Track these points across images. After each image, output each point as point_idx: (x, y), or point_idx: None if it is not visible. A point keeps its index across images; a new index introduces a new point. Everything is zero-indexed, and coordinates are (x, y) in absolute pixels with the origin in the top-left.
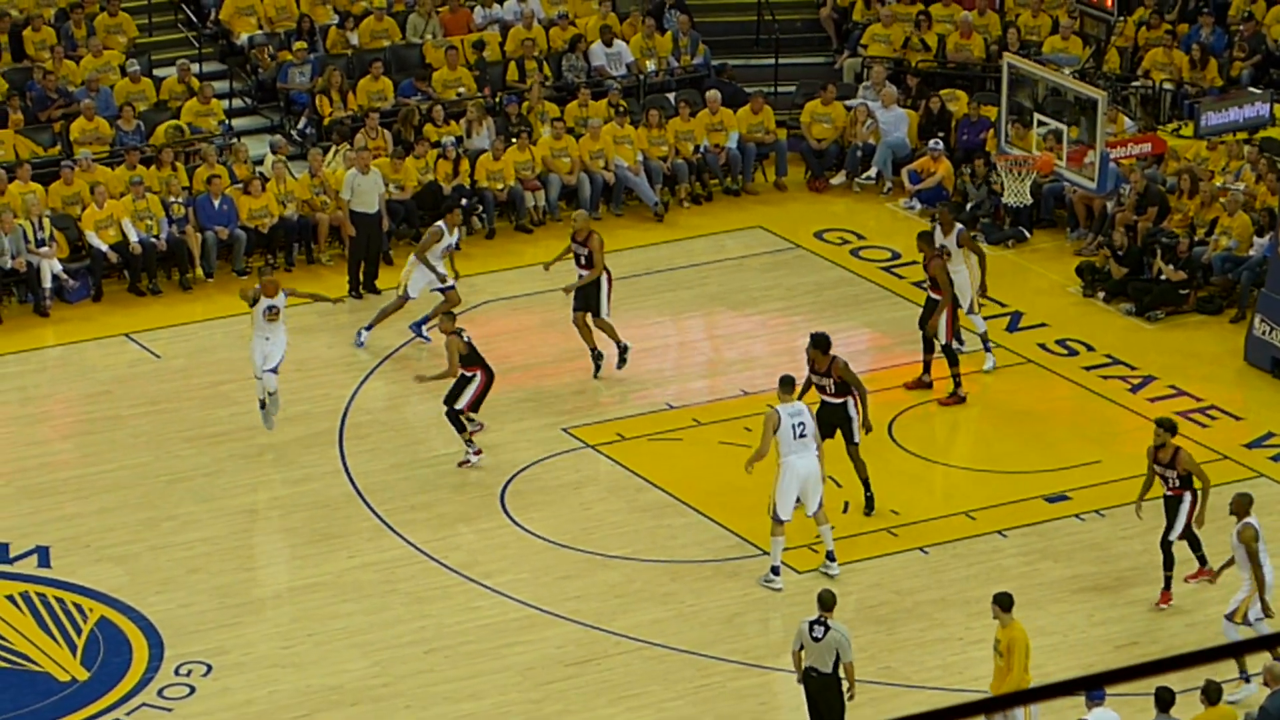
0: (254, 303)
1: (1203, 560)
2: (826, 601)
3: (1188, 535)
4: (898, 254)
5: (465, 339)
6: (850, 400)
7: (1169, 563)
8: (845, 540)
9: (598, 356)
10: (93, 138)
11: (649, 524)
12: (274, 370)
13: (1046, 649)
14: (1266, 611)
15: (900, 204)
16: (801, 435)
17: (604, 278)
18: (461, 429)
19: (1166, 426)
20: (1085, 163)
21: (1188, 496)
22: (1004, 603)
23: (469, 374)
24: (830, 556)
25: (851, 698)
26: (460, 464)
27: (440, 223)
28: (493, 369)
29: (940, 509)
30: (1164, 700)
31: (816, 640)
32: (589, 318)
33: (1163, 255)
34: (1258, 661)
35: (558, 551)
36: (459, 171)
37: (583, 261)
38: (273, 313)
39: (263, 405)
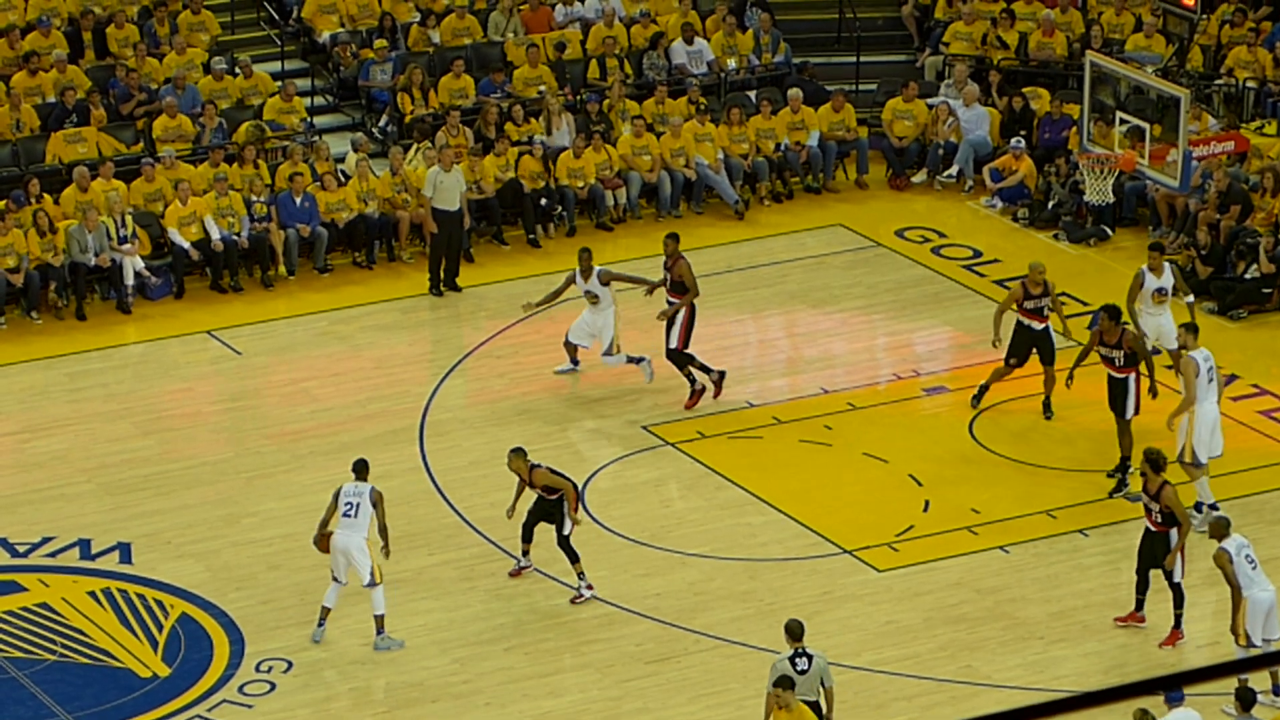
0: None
1: (1139, 605)
2: (796, 631)
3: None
4: (979, 252)
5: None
6: (1133, 375)
7: (1177, 600)
8: (925, 539)
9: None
10: (175, 135)
11: (728, 522)
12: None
13: (1128, 648)
14: (1247, 640)
15: (982, 202)
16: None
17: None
18: (576, 559)
19: (1150, 460)
20: (1168, 161)
21: (1173, 533)
22: (788, 685)
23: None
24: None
25: None
26: (573, 600)
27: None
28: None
29: (1021, 508)
30: (1246, 699)
31: (803, 673)
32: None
33: (1250, 252)
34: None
35: (637, 549)
36: (549, 167)
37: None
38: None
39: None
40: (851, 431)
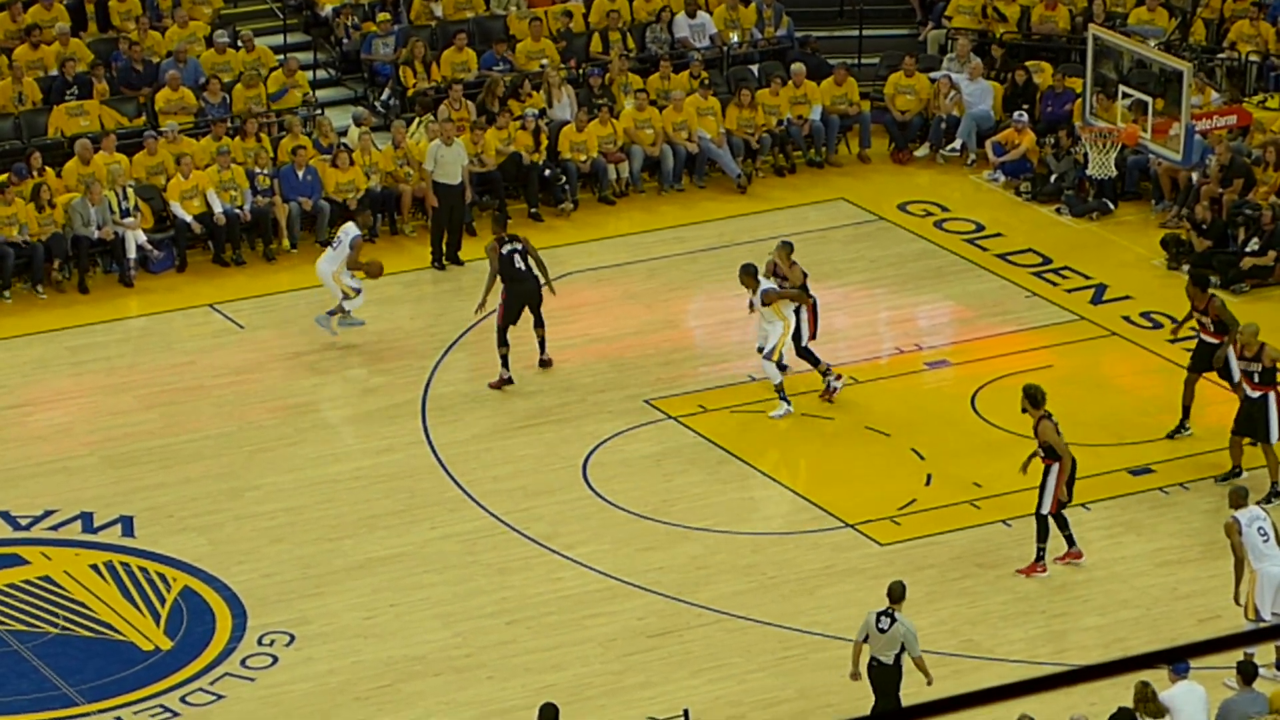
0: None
1: (1070, 540)
2: (895, 593)
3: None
4: (981, 226)
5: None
6: (1226, 339)
7: (1042, 534)
8: (928, 513)
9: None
10: (178, 108)
11: (730, 496)
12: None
13: (1129, 622)
14: (1256, 614)
15: (984, 176)
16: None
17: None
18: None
19: (1028, 395)
20: (1170, 135)
21: (1054, 468)
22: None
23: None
24: None
25: (929, 683)
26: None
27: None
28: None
29: (1024, 481)
30: (1248, 673)
31: (882, 631)
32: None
33: (1246, 233)
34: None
35: (639, 523)
36: (540, 144)
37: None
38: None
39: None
40: (853, 405)
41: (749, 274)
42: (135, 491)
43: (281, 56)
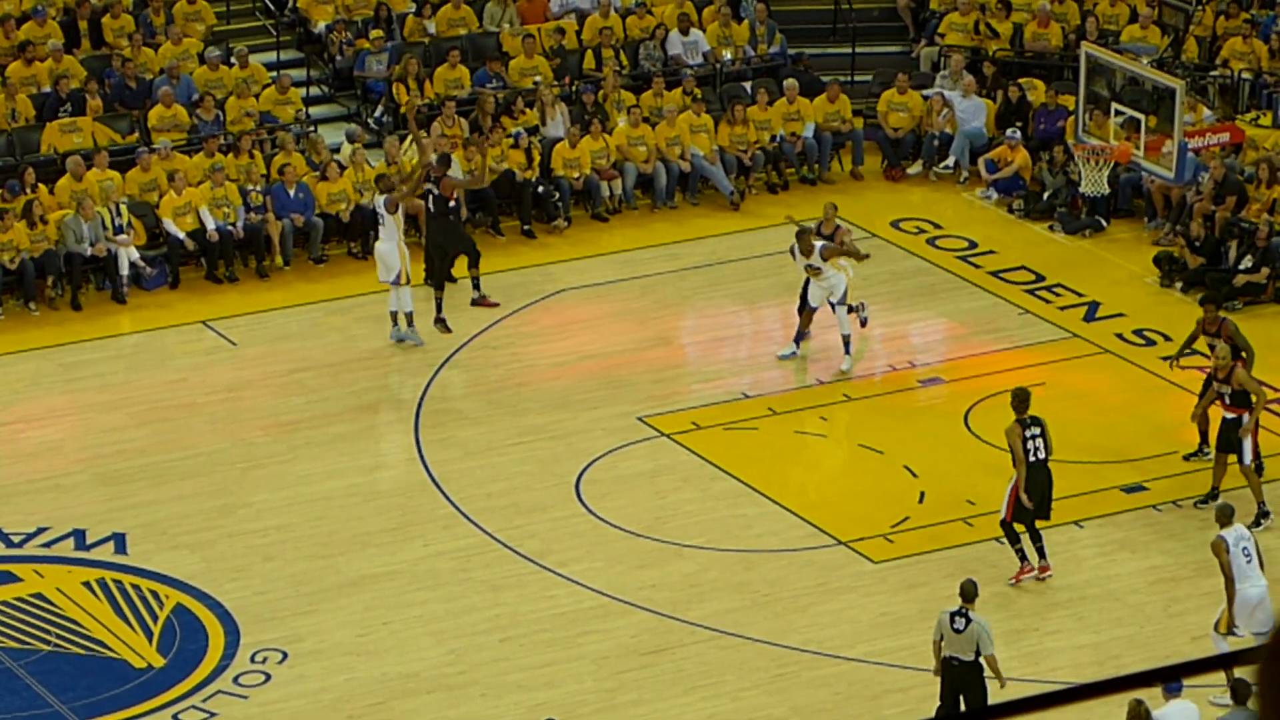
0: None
1: (1020, 556)
2: (968, 592)
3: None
4: (974, 243)
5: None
6: (1238, 366)
7: (1010, 539)
8: (921, 530)
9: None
10: (171, 125)
11: (724, 513)
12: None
13: (1123, 640)
14: (1230, 628)
15: (977, 193)
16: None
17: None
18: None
19: (1014, 397)
20: (1163, 152)
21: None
22: None
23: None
24: None
25: (1003, 685)
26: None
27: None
28: None
29: None
30: (1241, 693)
31: (958, 632)
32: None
33: (1239, 249)
34: None
35: (632, 540)
36: (533, 161)
37: None
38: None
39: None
40: (847, 423)
41: (806, 233)
42: (128, 508)
43: (274, 73)
